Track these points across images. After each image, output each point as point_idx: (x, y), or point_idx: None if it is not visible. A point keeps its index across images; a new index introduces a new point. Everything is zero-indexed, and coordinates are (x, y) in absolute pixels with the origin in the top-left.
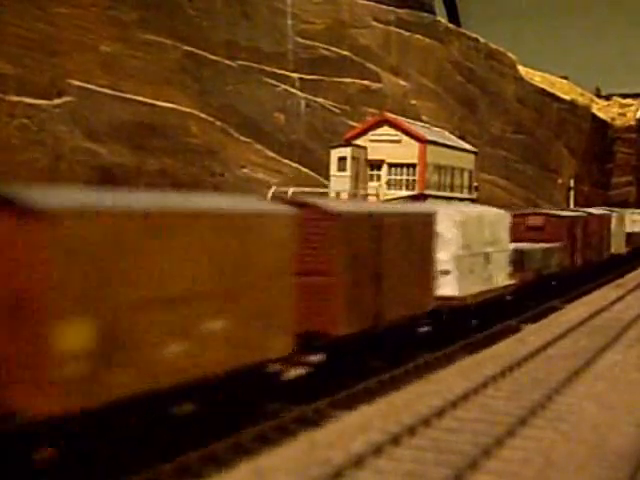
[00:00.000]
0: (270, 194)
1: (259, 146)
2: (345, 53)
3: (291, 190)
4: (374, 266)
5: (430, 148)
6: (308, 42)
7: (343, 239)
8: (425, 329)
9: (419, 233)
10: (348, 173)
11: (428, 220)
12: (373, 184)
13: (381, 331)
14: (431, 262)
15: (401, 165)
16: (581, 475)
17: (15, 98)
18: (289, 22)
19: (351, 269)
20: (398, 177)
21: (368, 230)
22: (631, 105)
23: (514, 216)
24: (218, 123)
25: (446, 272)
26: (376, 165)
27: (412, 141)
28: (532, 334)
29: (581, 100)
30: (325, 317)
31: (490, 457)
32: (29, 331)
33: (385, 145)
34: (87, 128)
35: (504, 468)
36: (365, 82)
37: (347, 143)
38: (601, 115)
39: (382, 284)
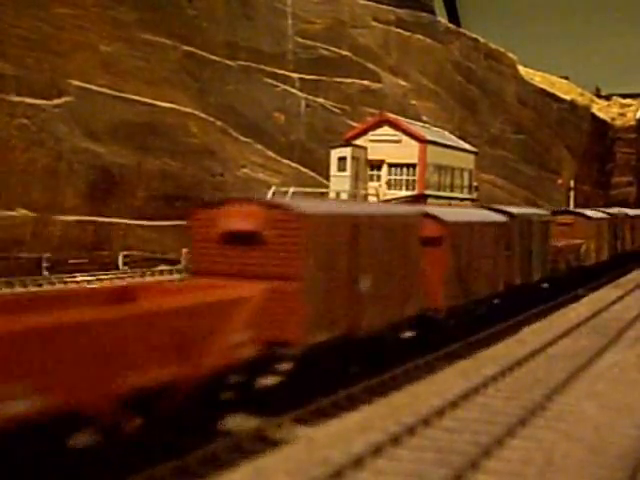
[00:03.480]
0: (270, 194)
1: (259, 146)
2: (345, 53)
3: (291, 190)
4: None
5: (430, 148)
6: (308, 42)
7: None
8: None
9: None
10: (348, 173)
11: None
12: (373, 184)
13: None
14: None
15: (401, 165)
16: (581, 475)
17: (15, 98)
18: (289, 22)
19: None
20: (398, 177)
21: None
22: (631, 105)
23: None
24: (218, 123)
25: None
26: (376, 165)
27: (412, 141)
28: (532, 334)
29: (581, 100)
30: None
31: (490, 457)
32: None
33: (385, 145)
34: (87, 128)
35: (504, 468)
36: (365, 82)
37: (347, 143)
38: (601, 115)
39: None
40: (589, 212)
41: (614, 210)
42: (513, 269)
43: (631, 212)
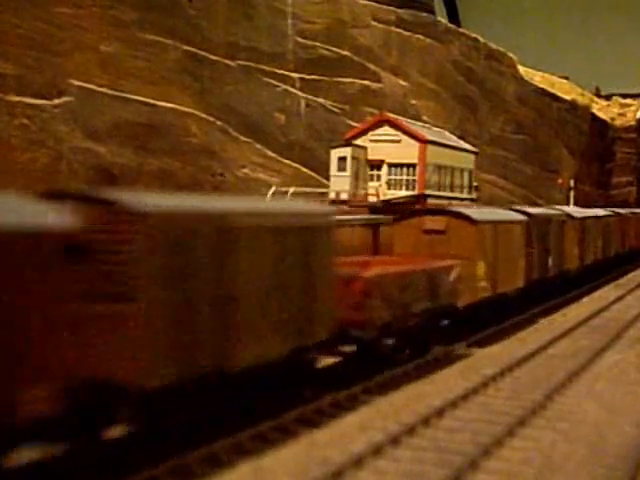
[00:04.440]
0: (270, 194)
1: (259, 146)
2: (345, 53)
3: (291, 190)
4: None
5: (430, 148)
6: (308, 42)
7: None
8: None
9: None
10: (348, 173)
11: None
12: (373, 184)
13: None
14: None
15: (401, 165)
16: (581, 475)
17: (15, 98)
18: (289, 22)
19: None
20: (398, 177)
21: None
22: (631, 105)
23: None
24: (218, 123)
25: None
26: (376, 165)
27: (412, 141)
28: (532, 334)
29: (581, 100)
30: None
31: (490, 457)
32: None
33: (385, 145)
34: (87, 128)
35: (504, 468)
36: (365, 82)
37: (347, 143)
38: (601, 115)
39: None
40: (475, 211)
41: (539, 209)
42: (150, 346)
43: (578, 212)
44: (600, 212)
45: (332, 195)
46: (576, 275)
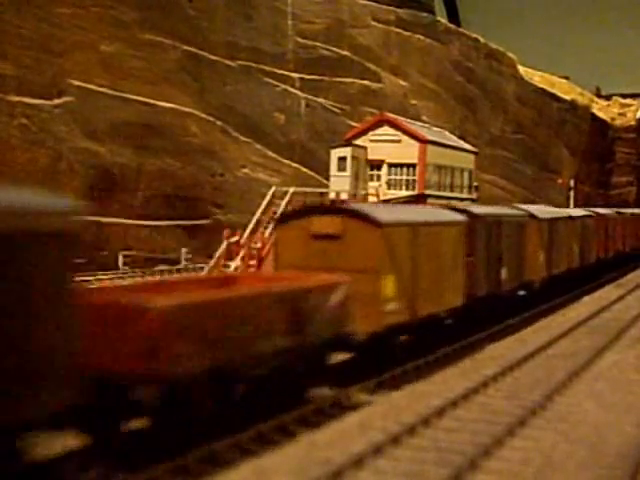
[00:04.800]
0: (270, 194)
1: (259, 146)
2: (345, 53)
3: (291, 190)
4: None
5: (430, 148)
6: (308, 42)
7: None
8: None
9: None
10: (348, 173)
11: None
12: (373, 184)
13: None
14: None
15: (401, 165)
16: (581, 475)
17: (15, 98)
18: (289, 22)
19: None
20: (398, 177)
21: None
22: (631, 105)
23: None
24: (218, 123)
25: None
26: (376, 165)
27: (412, 141)
28: (532, 334)
29: (581, 100)
30: None
31: (490, 457)
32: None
33: (385, 145)
34: (87, 128)
35: (504, 468)
36: (365, 82)
37: (347, 143)
38: (601, 115)
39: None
40: (384, 209)
41: (488, 208)
42: None
43: (544, 211)
44: (576, 212)
45: (332, 195)
46: (543, 287)
